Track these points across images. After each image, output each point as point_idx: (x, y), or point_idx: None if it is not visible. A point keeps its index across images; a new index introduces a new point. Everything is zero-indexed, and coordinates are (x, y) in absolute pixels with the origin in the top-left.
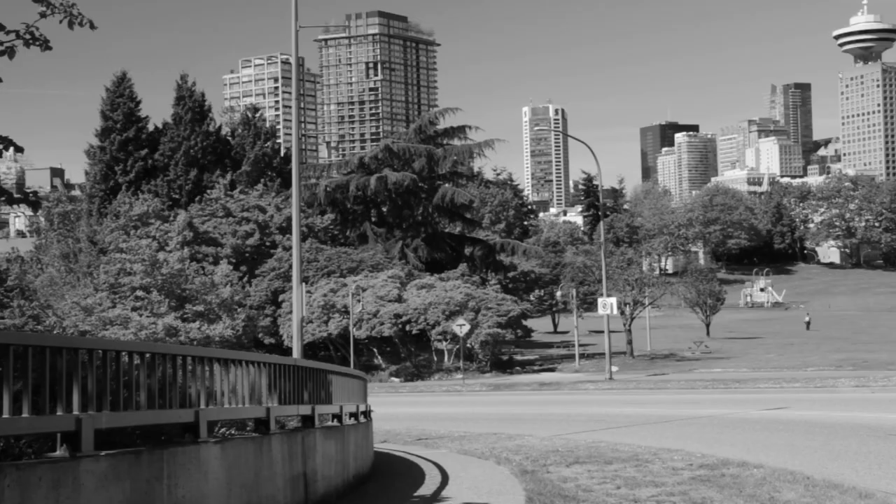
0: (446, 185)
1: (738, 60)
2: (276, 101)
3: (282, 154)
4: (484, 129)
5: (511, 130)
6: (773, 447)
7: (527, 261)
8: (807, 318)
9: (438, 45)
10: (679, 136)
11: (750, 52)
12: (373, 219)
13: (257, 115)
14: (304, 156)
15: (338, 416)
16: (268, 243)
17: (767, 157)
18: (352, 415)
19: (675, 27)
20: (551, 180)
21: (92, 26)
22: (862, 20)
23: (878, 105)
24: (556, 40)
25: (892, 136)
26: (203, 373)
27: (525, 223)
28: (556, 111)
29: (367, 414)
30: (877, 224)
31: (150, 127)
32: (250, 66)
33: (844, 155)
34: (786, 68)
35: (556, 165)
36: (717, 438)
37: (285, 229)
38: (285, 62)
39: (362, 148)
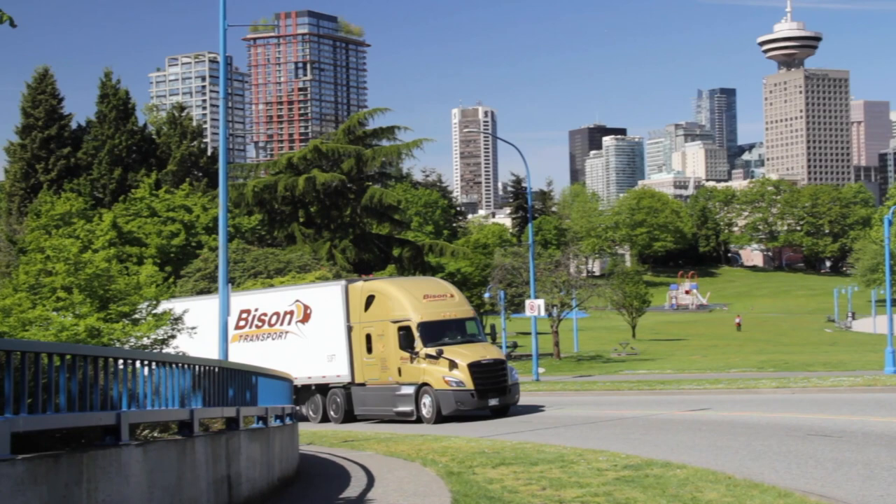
0: (375, 185)
1: (665, 65)
2: (204, 100)
3: (209, 153)
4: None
5: (441, 132)
6: (697, 447)
7: (455, 262)
8: (737, 320)
9: (368, 45)
10: (607, 140)
11: (677, 57)
12: (301, 219)
13: (184, 113)
14: (232, 155)
15: (263, 418)
16: (194, 244)
17: (693, 161)
18: (277, 416)
19: (603, 31)
20: (480, 182)
21: (12, 23)
22: (785, 27)
23: (801, 111)
24: (486, 43)
25: (814, 142)
26: (125, 374)
27: (454, 225)
28: (486, 113)
29: (292, 415)
30: (798, 228)
31: (74, 125)
32: (177, 65)
33: (768, 160)
34: (712, 73)
35: (486, 167)
36: (641, 439)
37: (212, 229)
38: (213, 61)
39: (291, 148)
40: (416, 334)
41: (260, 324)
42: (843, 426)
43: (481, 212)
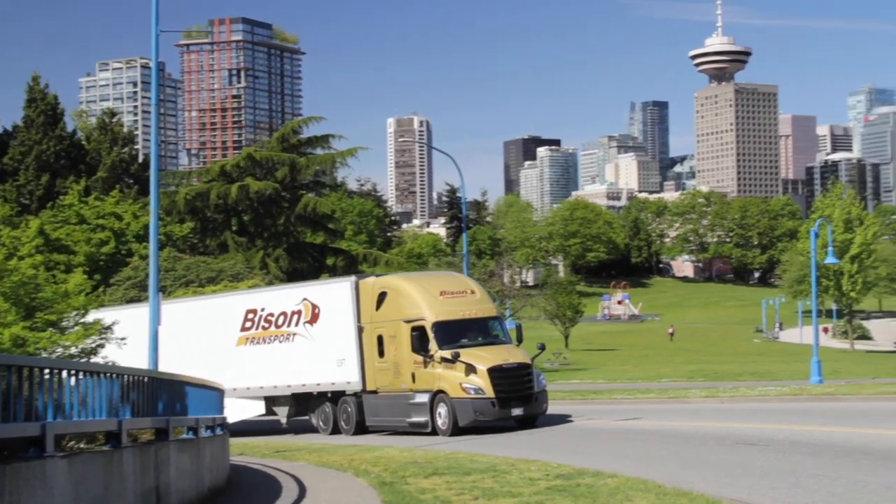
0: (309, 194)
1: (599, 78)
2: (135, 106)
3: (140, 160)
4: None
5: (376, 141)
6: (628, 457)
7: (389, 272)
8: (670, 330)
9: (304, 53)
10: (541, 150)
11: (611, 70)
12: (234, 228)
13: (114, 119)
14: (164, 163)
15: (193, 429)
16: (124, 252)
17: (626, 173)
18: (208, 427)
19: (538, 43)
20: (415, 192)
21: None
22: (716, 42)
23: (731, 124)
24: (422, 52)
25: (744, 155)
26: (51, 384)
27: (388, 234)
28: (422, 123)
29: (223, 426)
30: (728, 240)
31: None
32: (108, 70)
33: (699, 172)
34: (645, 86)
35: (421, 177)
36: (573, 448)
37: (142, 237)
38: (145, 66)
39: (224, 156)
40: (431, 335)
41: (266, 325)
42: (770, 435)
43: (416, 221)
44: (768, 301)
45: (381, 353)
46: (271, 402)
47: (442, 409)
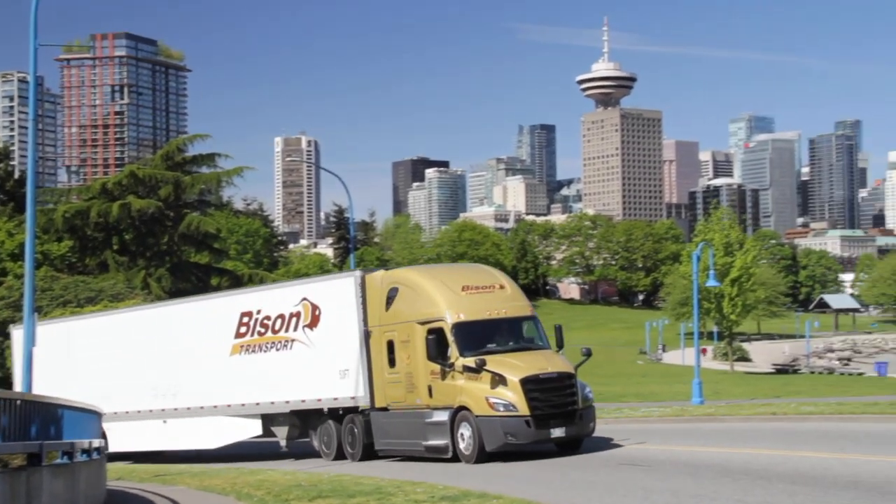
0: (194, 213)
1: (488, 101)
2: (12, 121)
3: (16, 177)
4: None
5: (263, 160)
6: (514, 478)
7: None
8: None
9: (189, 70)
10: (430, 172)
11: (500, 93)
12: (115, 247)
13: None
14: (42, 179)
15: (68, 453)
16: None
17: (514, 195)
18: (84, 451)
19: (427, 65)
20: (303, 212)
21: None
22: (603, 67)
23: (617, 148)
24: (310, 72)
25: (629, 179)
26: None
27: (275, 254)
28: (310, 142)
29: (100, 450)
30: (613, 262)
31: None
32: None
33: (585, 195)
34: (533, 110)
35: (308, 197)
36: (460, 471)
37: (17, 256)
38: (23, 80)
39: (106, 173)
40: (451, 339)
41: (263, 330)
42: (652, 455)
43: (303, 241)
44: (652, 323)
45: (392, 362)
46: (269, 421)
47: (465, 430)
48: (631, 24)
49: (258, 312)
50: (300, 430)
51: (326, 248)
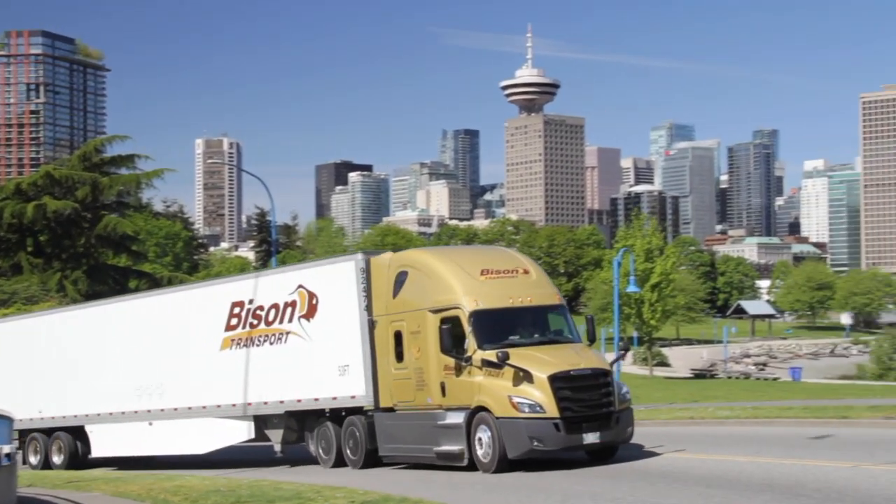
0: (112, 215)
1: (412, 105)
2: None
3: None
4: (155, 158)
5: (184, 162)
6: (434, 483)
7: None
8: None
9: (108, 70)
10: (353, 176)
11: (424, 97)
12: (29, 248)
13: None
14: None
15: None
16: None
17: (438, 200)
18: None
19: (351, 68)
20: (224, 214)
21: None
22: (526, 73)
23: (540, 154)
24: (233, 74)
25: (552, 184)
26: None
27: (195, 257)
28: (231, 145)
29: (10, 456)
30: None
31: None
32: None
33: (508, 200)
34: (457, 115)
35: (230, 199)
36: (380, 476)
37: None
38: None
39: (20, 173)
40: (469, 329)
41: (255, 321)
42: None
43: (224, 244)
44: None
45: (400, 357)
46: (262, 423)
47: (483, 435)
48: (555, 31)
49: (250, 302)
50: (297, 434)
51: (248, 252)
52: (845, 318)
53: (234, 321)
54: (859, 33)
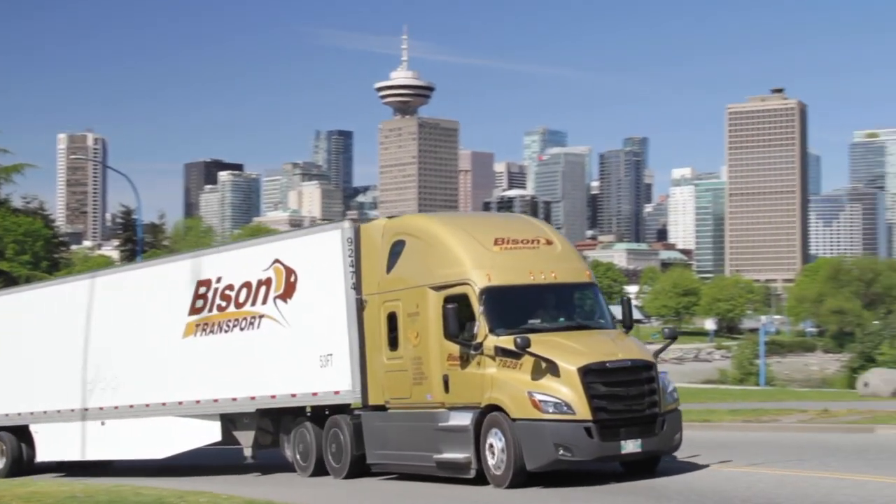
0: None
1: (285, 105)
2: None
3: None
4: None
5: (45, 157)
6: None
7: None
8: None
9: None
10: (223, 175)
11: (297, 97)
12: None
13: None
14: None
15: None
16: None
17: (310, 201)
18: None
19: (222, 66)
20: (87, 212)
21: None
22: (401, 75)
23: (414, 157)
24: (97, 66)
25: (425, 187)
26: None
27: (55, 255)
28: (96, 140)
29: None
30: None
31: None
32: None
33: (381, 202)
34: (331, 115)
35: (94, 197)
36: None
37: None
38: None
39: None
40: (480, 310)
41: (224, 303)
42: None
43: (87, 243)
44: None
45: (394, 343)
46: (230, 423)
47: (495, 440)
48: (430, 33)
49: (218, 281)
50: (272, 436)
51: (112, 251)
52: (709, 324)
53: (199, 303)
54: (726, 45)
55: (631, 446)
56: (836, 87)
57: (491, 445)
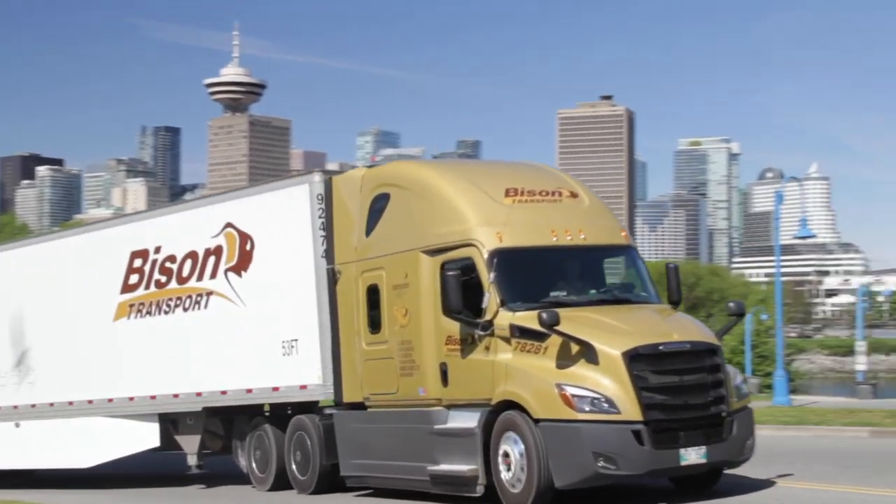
0: None
1: (108, 97)
2: None
3: None
4: None
5: None
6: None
7: None
8: None
9: None
10: (42, 170)
11: (121, 90)
12: None
13: None
14: None
15: None
16: None
17: (135, 198)
18: None
19: (40, 55)
20: None
21: None
22: (232, 72)
23: (244, 155)
24: None
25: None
26: None
27: None
28: None
29: None
30: None
31: None
32: None
33: None
34: (158, 111)
35: None
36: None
37: None
38: None
39: None
40: (489, 278)
41: (164, 278)
42: None
43: None
44: None
45: (376, 325)
46: (171, 425)
47: (512, 447)
48: (263, 30)
49: (157, 251)
50: (222, 441)
51: None
52: None
53: (133, 279)
54: (560, 51)
55: (693, 456)
56: (663, 96)
57: (505, 454)
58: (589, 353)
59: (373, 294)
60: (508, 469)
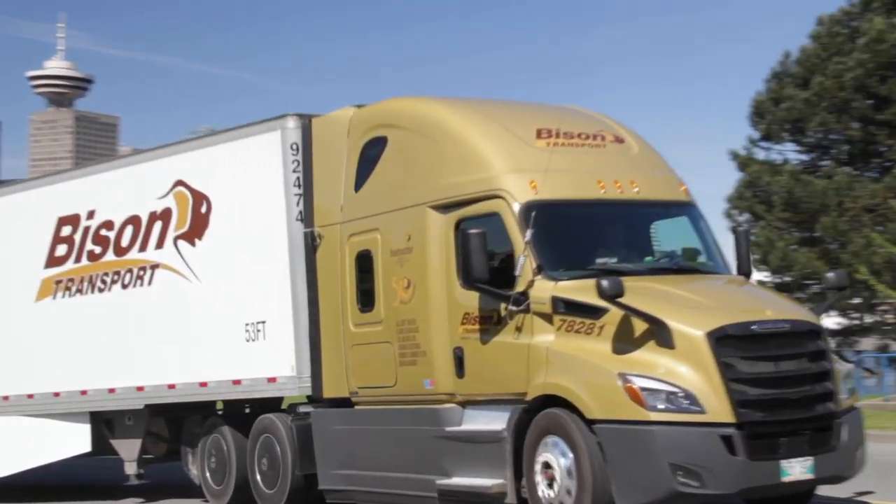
0: None
1: None
2: None
3: None
4: None
5: None
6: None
7: None
8: None
9: None
10: None
11: None
12: None
13: None
14: None
15: None
16: None
17: None
18: None
19: None
20: None
21: None
22: (57, 65)
23: (69, 151)
24: None
25: None
26: None
27: None
28: None
29: None
30: None
31: None
32: None
33: None
34: None
35: None
36: None
37: None
38: None
39: None
40: (524, 239)
41: (98, 249)
42: None
43: None
44: None
45: (367, 300)
46: (106, 426)
47: (557, 457)
48: (90, 23)
49: (90, 216)
50: (167, 445)
51: None
52: None
53: (60, 250)
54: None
55: (798, 469)
56: None
57: (546, 466)
58: (662, 334)
59: (363, 262)
60: (550, 485)
